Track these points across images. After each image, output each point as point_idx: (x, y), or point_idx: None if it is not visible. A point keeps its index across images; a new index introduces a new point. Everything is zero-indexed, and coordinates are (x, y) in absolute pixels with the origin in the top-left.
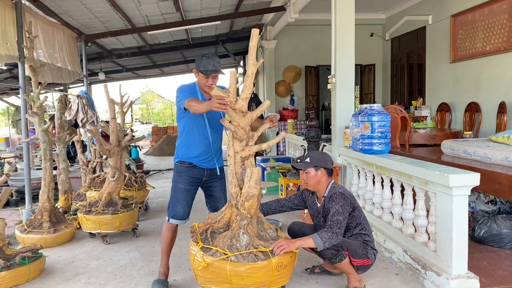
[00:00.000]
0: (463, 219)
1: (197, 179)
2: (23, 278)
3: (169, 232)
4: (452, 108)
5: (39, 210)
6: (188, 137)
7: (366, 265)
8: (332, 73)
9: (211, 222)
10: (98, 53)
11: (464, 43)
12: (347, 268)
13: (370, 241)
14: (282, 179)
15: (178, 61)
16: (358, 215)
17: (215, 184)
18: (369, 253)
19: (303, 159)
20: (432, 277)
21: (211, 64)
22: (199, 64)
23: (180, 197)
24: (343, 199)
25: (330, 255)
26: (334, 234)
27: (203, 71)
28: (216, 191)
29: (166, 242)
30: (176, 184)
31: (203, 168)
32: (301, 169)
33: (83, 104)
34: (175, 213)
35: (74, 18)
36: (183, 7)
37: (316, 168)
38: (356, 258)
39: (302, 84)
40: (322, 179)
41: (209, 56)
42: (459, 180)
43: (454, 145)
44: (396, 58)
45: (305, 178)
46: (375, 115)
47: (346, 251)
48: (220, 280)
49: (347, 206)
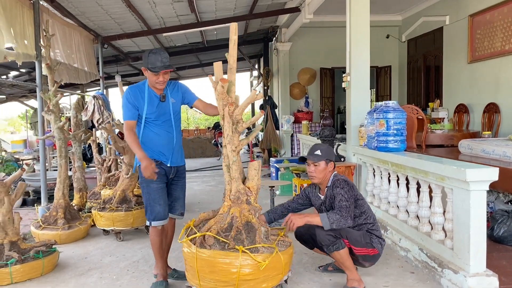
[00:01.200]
0: (481, 215)
1: (165, 177)
2: (37, 272)
3: (156, 235)
4: (470, 109)
5: (54, 206)
6: (150, 135)
7: (372, 255)
8: (347, 71)
9: (212, 225)
10: (114, 56)
11: (482, 43)
12: (345, 261)
13: (375, 230)
14: (296, 179)
15: (194, 64)
16: (362, 204)
17: (178, 183)
18: (374, 241)
19: (312, 151)
20: (449, 275)
21: (159, 60)
22: (146, 61)
23: (156, 197)
24: (347, 185)
25: (328, 242)
26: (342, 218)
27: (151, 69)
28: (178, 190)
29: (156, 246)
30: (148, 184)
31: (170, 167)
32: (314, 161)
33: (99, 104)
34: (156, 215)
35: (90, 19)
36: (198, 8)
37: (327, 162)
38: (359, 247)
39: (317, 86)
40: (328, 172)
41: (156, 51)
42: (477, 174)
43: (472, 144)
44: (412, 60)
45: (313, 170)
46: (390, 112)
47: (345, 239)
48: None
49: (352, 192)
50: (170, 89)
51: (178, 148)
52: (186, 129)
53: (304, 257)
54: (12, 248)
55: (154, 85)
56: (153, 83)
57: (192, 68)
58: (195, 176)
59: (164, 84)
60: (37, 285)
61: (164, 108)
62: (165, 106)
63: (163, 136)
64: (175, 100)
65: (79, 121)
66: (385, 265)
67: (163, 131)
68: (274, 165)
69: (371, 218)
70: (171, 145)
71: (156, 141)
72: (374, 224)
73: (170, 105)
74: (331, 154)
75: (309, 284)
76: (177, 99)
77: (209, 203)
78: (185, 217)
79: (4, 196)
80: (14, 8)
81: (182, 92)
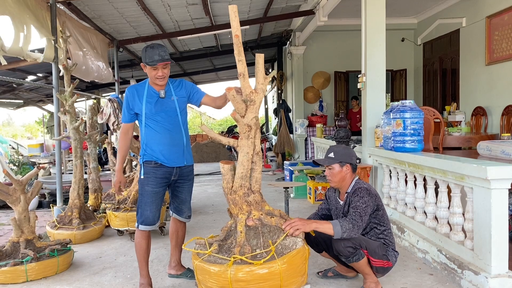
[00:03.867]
0: (502, 215)
1: (165, 179)
2: (52, 270)
3: (142, 239)
4: (488, 112)
5: (69, 207)
6: (151, 134)
7: (386, 267)
8: (363, 71)
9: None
10: (129, 60)
11: (500, 45)
12: (364, 269)
13: (392, 243)
14: (310, 182)
15: (208, 69)
16: (382, 215)
17: (184, 185)
18: (390, 254)
19: (326, 154)
20: (470, 276)
21: (157, 54)
22: (144, 56)
23: (148, 201)
24: (368, 194)
25: (348, 253)
26: (355, 227)
27: (149, 63)
28: (184, 192)
29: (141, 250)
30: (143, 186)
31: (172, 167)
32: (325, 165)
33: (115, 107)
34: (145, 219)
35: (106, 23)
36: (212, 11)
37: (341, 164)
38: (376, 258)
39: (331, 90)
40: (347, 176)
41: (153, 46)
42: (498, 172)
43: (492, 146)
44: (428, 63)
45: (328, 174)
46: (407, 112)
47: (364, 249)
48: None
49: (371, 203)
50: (174, 86)
51: (182, 147)
52: (200, 133)
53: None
54: (27, 246)
55: (154, 81)
56: (153, 78)
57: (206, 73)
58: (209, 180)
59: (164, 79)
60: (52, 283)
61: (165, 105)
62: (165, 103)
63: (165, 134)
64: (178, 97)
65: (94, 122)
66: (403, 267)
67: (164, 129)
68: (288, 168)
69: (389, 230)
70: (173, 143)
71: (157, 140)
72: (391, 237)
73: (175, 102)
74: (347, 156)
75: (325, 284)
76: (180, 97)
77: (223, 205)
78: (200, 219)
79: (20, 195)
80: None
81: (187, 90)
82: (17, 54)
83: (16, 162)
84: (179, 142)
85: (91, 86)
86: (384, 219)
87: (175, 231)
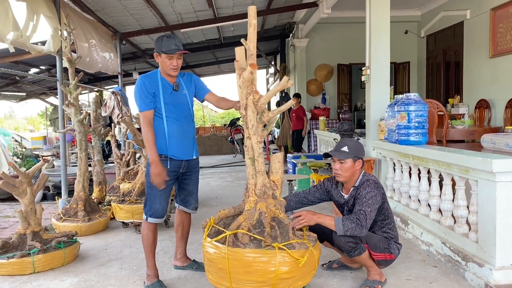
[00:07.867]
0: (507, 207)
1: (174, 172)
2: (59, 262)
3: (149, 231)
4: (492, 105)
5: (74, 199)
6: (162, 127)
7: (388, 260)
8: (367, 64)
9: (242, 222)
10: (132, 53)
11: (505, 37)
12: (367, 262)
13: (395, 236)
14: (314, 175)
15: (210, 61)
16: (387, 208)
17: (191, 178)
18: (392, 247)
19: (338, 147)
20: (474, 268)
21: (173, 44)
22: (160, 45)
23: (158, 194)
24: (376, 188)
25: (349, 248)
26: (358, 226)
27: (166, 52)
28: (191, 184)
29: (148, 242)
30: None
31: (181, 160)
32: (339, 159)
33: (118, 100)
34: (154, 211)
35: (109, 15)
36: (215, 3)
37: (354, 159)
38: (377, 252)
39: (334, 82)
40: (357, 171)
41: (169, 36)
42: (503, 165)
43: (495, 139)
44: (431, 55)
45: (338, 168)
46: (412, 105)
47: (365, 244)
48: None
49: (379, 197)
50: (184, 80)
51: (191, 140)
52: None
53: None
54: (34, 238)
55: (168, 71)
56: (167, 68)
57: (209, 66)
58: (212, 172)
59: (177, 69)
60: (59, 274)
61: (178, 97)
62: (178, 96)
63: (176, 127)
64: (188, 91)
65: (98, 115)
66: (407, 259)
67: (175, 122)
68: (292, 160)
69: (392, 224)
70: (184, 137)
71: (168, 133)
72: (394, 230)
73: (186, 96)
74: (360, 151)
75: (329, 276)
76: (190, 90)
77: (227, 198)
78: (203, 211)
79: (26, 187)
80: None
81: (195, 84)
82: (22, 44)
83: (19, 154)
84: (189, 136)
85: (93, 79)
86: (388, 211)
87: (180, 223)
